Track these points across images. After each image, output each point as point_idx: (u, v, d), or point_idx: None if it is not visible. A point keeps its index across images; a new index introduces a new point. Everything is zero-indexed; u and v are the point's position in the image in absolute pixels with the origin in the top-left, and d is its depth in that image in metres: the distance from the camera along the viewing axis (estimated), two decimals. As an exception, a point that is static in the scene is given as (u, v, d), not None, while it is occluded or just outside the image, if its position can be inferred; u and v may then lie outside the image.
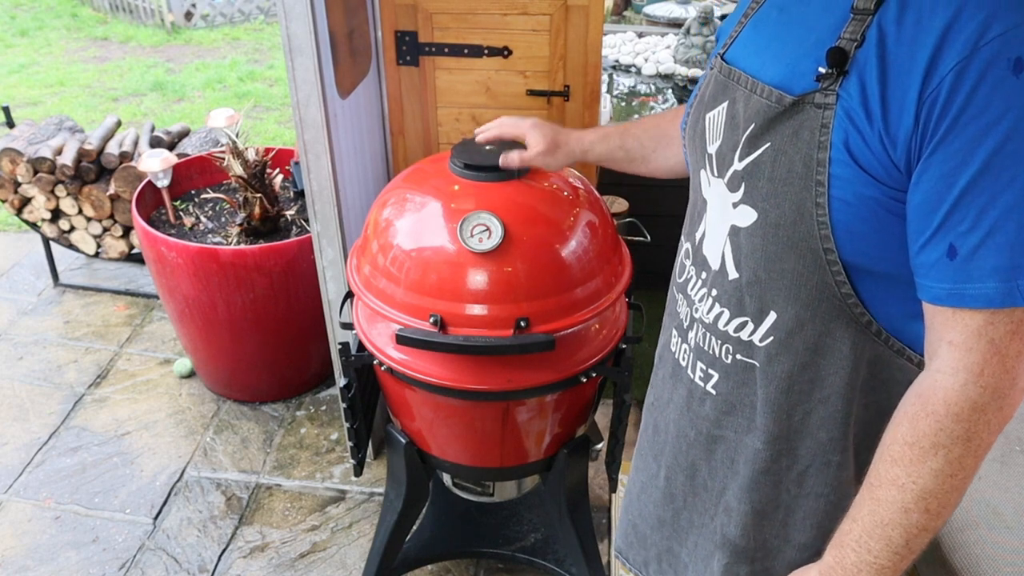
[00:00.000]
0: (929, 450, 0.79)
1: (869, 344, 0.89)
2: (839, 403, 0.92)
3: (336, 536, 2.25)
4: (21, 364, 2.93)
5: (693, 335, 1.04)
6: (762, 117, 0.87)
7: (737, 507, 1.04)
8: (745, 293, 0.93)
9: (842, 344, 0.89)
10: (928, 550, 1.70)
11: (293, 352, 2.67)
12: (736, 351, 0.97)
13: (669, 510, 1.16)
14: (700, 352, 1.03)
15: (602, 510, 2.30)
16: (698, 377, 1.05)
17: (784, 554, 1.04)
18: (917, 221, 0.78)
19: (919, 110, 0.74)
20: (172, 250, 2.38)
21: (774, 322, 0.91)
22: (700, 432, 1.06)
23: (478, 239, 1.41)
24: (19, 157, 3.04)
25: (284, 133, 5.10)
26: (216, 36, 7.15)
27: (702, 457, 1.08)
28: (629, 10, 3.91)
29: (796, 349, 0.91)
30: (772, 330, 0.92)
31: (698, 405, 1.06)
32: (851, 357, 0.89)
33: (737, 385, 0.99)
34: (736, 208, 0.92)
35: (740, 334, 0.96)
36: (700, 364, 1.04)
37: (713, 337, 1.00)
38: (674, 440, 1.12)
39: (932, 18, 0.74)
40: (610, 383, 1.69)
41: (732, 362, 0.98)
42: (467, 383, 1.47)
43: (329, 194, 1.96)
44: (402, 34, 2.16)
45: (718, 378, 1.01)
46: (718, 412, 1.03)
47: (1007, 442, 1.83)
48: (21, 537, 2.25)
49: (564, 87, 2.18)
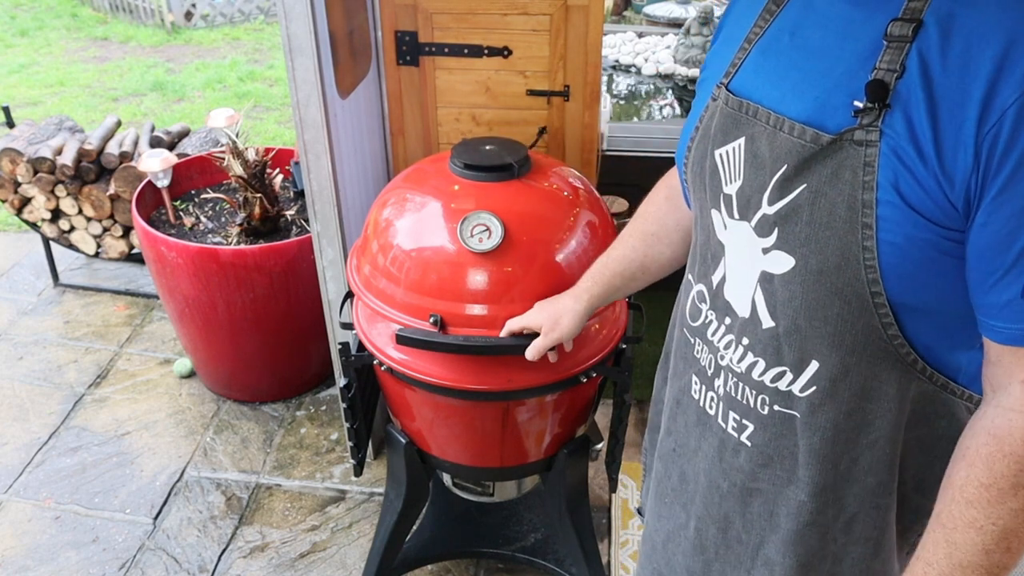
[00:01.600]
0: (1008, 491, 0.76)
1: (915, 382, 0.86)
2: (886, 446, 0.89)
3: (336, 536, 2.25)
4: (21, 364, 2.93)
5: (721, 384, 0.99)
6: (795, 157, 0.81)
7: (781, 561, 0.99)
8: (783, 343, 0.89)
9: (888, 386, 0.86)
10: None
11: (293, 352, 2.67)
12: (774, 402, 0.92)
13: (699, 561, 1.11)
14: (731, 401, 0.98)
15: (602, 510, 2.30)
16: (731, 428, 0.99)
17: None
18: (986, 261, 0.75)
19: (979, 147, 0.70)
20: (172, 250, 2.38)
21: (816, 371, 0.87)
22: (734, 484, 1.01)
23: (478, 239, 1.41)
24: (19, 157, 3.04)
25: (284, 133, 5.10)
26: (216, 36, 7.15)
27: (736, 510, 1.02)
28: (629, 10, 3.92)
29: (841, 397, 0.87)
30: (815, 379, 0.88)
31: (731, 456, 1.00)
32: (897, 398, 0.86)
33: (775, 436, 0.94)
34: (767, 254, 0.87)
35: (778, 384, 0.91)
36: (732, 414, 0.98)
37: (746, 387, 0.95)
38: (705, 491, 1.06)
39: (983, 47, 0.70)
40: (610, 383, 1.69)
41: (769, 413, 0.93)
42: (467, 383, 1.47)
43: (329, 194, 1.96)
44: (402, 34, 2.16)
45: (753, 429, 0.96)
46: (754, 464, 0.97)
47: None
48: (21, 537, 2.25)
49: (564, 87, 2.18)
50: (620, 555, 2.15)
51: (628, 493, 2.34)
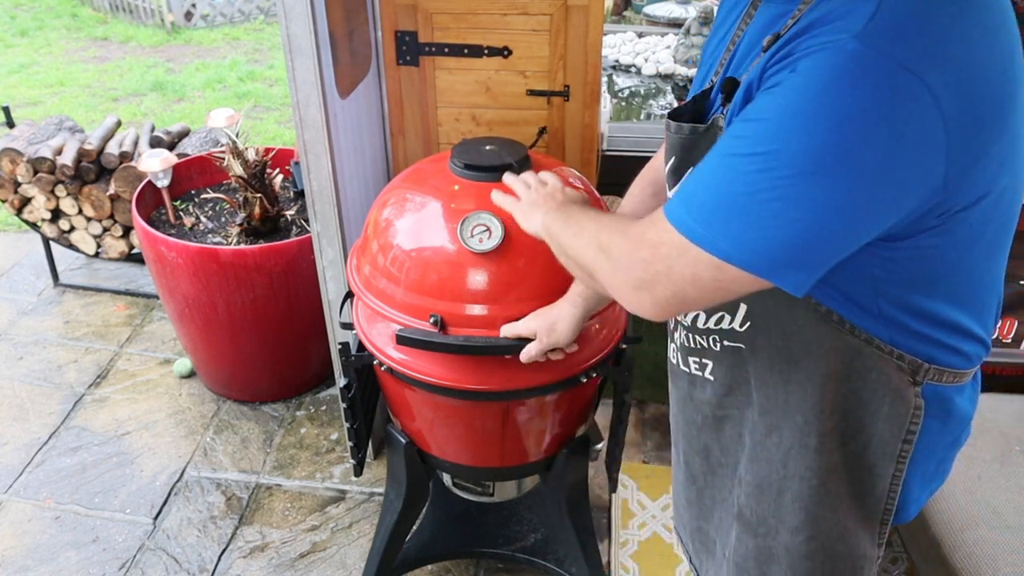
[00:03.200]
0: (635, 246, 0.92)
1: (831, 332, 0.93)
2: (811, 389, 0.97)
3: (336, 536, 2.25)
4: (21, 364, 2.93)
5: (680, 336, 1.13)
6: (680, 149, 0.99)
7: (744, 477, 1.11)
8: None
9: (807, 330, 0.94)
10: (928, 549, 1.70)
11: (293, 352, 2.67)
12: (723, 338, 1.04)
13: (693, 491, 1.24)
14: (689, 349, 1.11)
15: (602, 510, 2.30)
16: (693, 369, 1.12)
17: (780, 536, 1.09)
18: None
19: None
20: (172, 250, 2.38)
21: (746, 311, 0.99)
22: (707, 416, 1.13)
23: (478, 239, 1.41)
24: (19, 157, 3.04)
25: (284, 133, 5.10)
26: (216, 36, 7.15)
27: (713, 437, 1.15)
28: (629, 10, 3.92)
29: (770, 333, 0.98)
30: (747, 317, 0.99)
31: (700, 392, 1.13)
32: (816, 342, 0.94)
33: (730, 367, 1.06)
34: None
35: (722, 325, 1.03)
36: (692, 358, 1.12)
37: (696, 335, 1.08)
38: (684, 428, 1.21)
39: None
40: (610, 383, 1.69)
41: (721, 349, 1.06)
42: (467, 383, 1.47)
43: (329, 194, 1.96)
44: (402, 34, 2.16)
45: (712, 365, 1.09)
46: (719, 395, 1.10)
47: (1007, 442, 1.83)
48: (21, 537, 2.25)
49: (564, 87, 2.18)
50: (620, 555, 2.15)
51: (628, 493, 2.34)
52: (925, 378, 0.95)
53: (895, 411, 0.96)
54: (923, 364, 0.94)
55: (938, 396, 0.98)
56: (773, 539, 1.10)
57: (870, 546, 1.08)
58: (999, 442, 1.83)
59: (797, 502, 1.04)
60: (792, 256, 0.78)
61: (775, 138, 0.75)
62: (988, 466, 1.76)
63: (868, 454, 1.00)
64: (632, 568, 2.11)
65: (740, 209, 0.77)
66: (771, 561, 1.11)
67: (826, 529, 1.05)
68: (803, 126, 0.74)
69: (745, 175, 0.77)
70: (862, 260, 0.85)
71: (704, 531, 1.26)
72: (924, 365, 0.94)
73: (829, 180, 0.74)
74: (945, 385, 0.98)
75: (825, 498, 1.02)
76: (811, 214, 0.76)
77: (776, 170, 0.75)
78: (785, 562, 1.10)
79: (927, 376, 0.95)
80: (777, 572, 1.12)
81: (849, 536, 1.06)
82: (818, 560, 1.08)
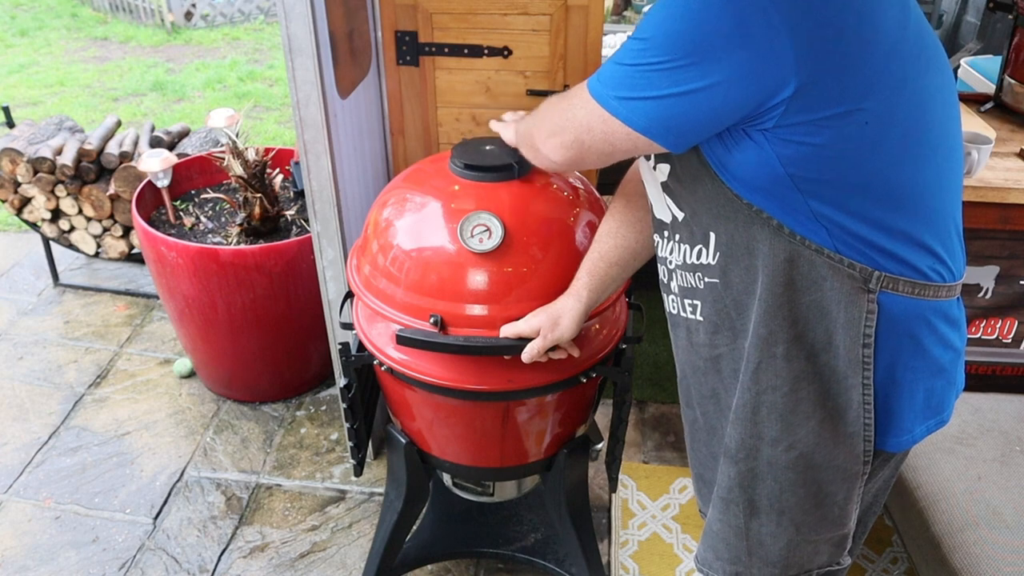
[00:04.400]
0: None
1: (783, 243, 1.04)
2: (770, 299, 1.07)
3: (336, 536, 2.25)
4: (21, 364, 2.93)
5: (675, 283, 1.22)
6: None
7: (737, 404, 1.17)
8: (692, 224, 1.13)
9: (763, 244, 1.05)
10: (928, 550, 1.70)
11: (293, 352, 2.67)
12: (704, 275, 1.15)
13: (716, 442, 1.27)
14: (683, 291, 1.21)
15: (602, 510, 2.30)
16: (688, 312, 1.21)
17: (762, 453, 1.15)
18: None
19: None
20: (172, 250, 2.38)
21: (715, 240, 1.10)
22: (706, 359, 1.21)
23: (478, 239, 1.41)
24: (19, 157, 3.04)
25: (284, 133, 5.10)
26: (216, 36, 7.15)
27: (715, 379, 1.21)
28: (629, 10, 3.91)
29: (735, 256, 1.09)
30: (717, 247, 1.11)
31: (695, 336, 1.22)
32: (771, 254, 1.05)
33: (713, 303, 1.16)
34: (656, 168, 1.17)
35: (701, 259, 1.14)
36: (686, 301, 1.21)
37: (686, 272, 1.18)
38: (691, 376, 1.27)
39: None
40: (610, 383, 1.69)
41: (705, 286, 1.16)
42: (467, 383, 1.47)
43: (329, 194, 1.96)
44: (402, 34, 2.16)
45: (701, 304, 1.18)
46: (710, 335, 1.18)
47: (1007, 442, 1.83)
48: (21, 537, 2.24)
49: (564, 87, 2.18)
50: (620, 555, 2.15)
51: (628, 493, 2.34)
52: (879, 285, 1.04)
53: (850, 316, 1.05)
54: (873, 272, 1.03)
55: (902, 307, 1.06)
56: (755, 459, 1.16)
57: (853, 462, 1.14)
58: (999, 442, 1.83)
59: (772, 413, 1.12)
60: (662, 120, 0.99)
61: (649, 26, 0.97)
62: (988, 466, 1.76)
63: (838, 364, 1.08)
64: (632, 568, 2.11)
65: (627, 77, 1.00)
66: (755, 482, 1.17)
67: (803, 437, 1.12)
68: (666, 18, 0.95)
69: (631, 52, 0.99)
70: (765, 160, 0.99)
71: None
72: (875, 272, 1.03)
73: (683, 65, 0.95)
74: (906, 296, 1.05)
75: (798, 405, 1.11)
76: (670, 89, 0.96)
77: (648, 52, 0.97)
78: (769, 477, 1.16)
79: (880, 283, 1.04)
80: (762, 490, 1.17)
81: (827, 447, 1.12)
82: (799, 470, 1.14)
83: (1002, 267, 2.06)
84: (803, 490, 1.15)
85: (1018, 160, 2.06)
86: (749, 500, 1.18)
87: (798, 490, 1.15)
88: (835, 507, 1.17)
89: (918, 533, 1.71)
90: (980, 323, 2.15)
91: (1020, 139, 2.18)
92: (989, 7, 2.34)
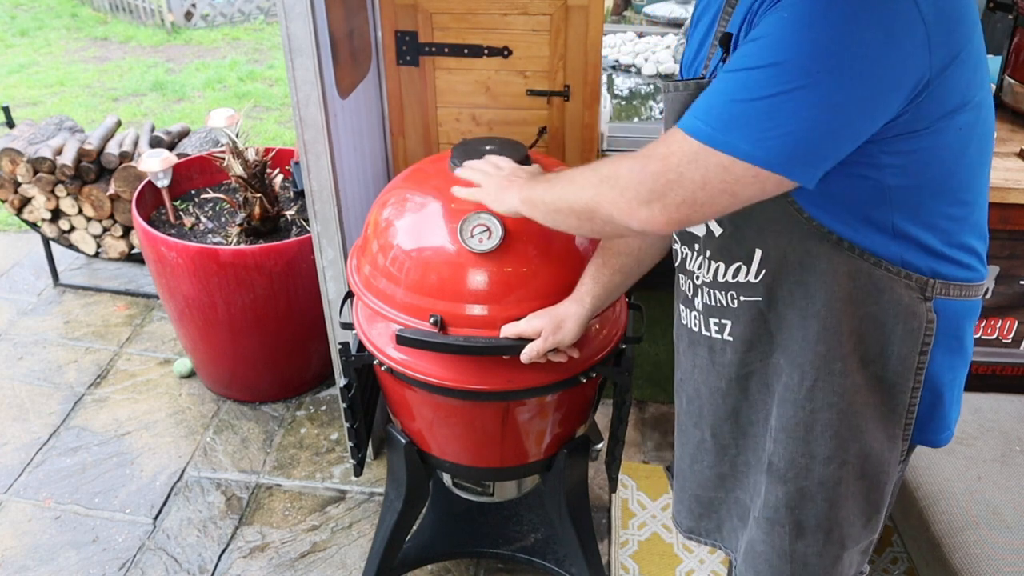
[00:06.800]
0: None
1: (843, 258, 1.01)
2: (829, 316, 1.04)
3: (336, 536, 2.25)
4: (21, 364, 2.93)
5: (699, 300, 1.17)
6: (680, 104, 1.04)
7: (775, 424, 1.14)
8: (732, 242, 1.08)
9: (820, 261, 1.01)
10: (928, 550, 1.70)
11: (293, 352, 2.67)
12: (740, 294, 1.10)
13: (725, 463, 1.25)
14: (710, 309, 1.16)
15: (602, 510, 2.30)
16: (713, 332, 1.17)
17: (814, 472, 1.12)
18: None
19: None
20: (172, 250, 2.38)
21: (762, 257, 1.06)
22: (731, 379, 1.17)
23: (478, 239, 1.41)
24: (19, 157, 3.04)
25: (284, 133, 5.10)
26: (216, 36, 7.15)
27: (740, 398, 1.18)
28: (629, 10, 3.91)
29: (786, 272, 1.05)
30: (763, 264, 1.06)
31: (720, 356, 1.17)
32: (831, 271, 1.01)
33: (749, 322, 1.11)
34: None
35: (738, 278, 1.09)
36: (712, 320, 1.16)
37: (717, 291, 1.13)
38: (708, 398, 1.23)
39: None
40: (610, 383, 1.69)
41: (739, 305, 1.11)
42: (467, 383, 1.47)
43: (329, 194, 1.96)
44: (402, 34, 2.16)
45: (731, 324, 1.13)
46: (740, 354, 1.14)
47: (1007, 442, 1.83)
48: (21, 537, 2.24)
49: (564, 87, 2.18)
50: (620, 555, 2.15)
51: (628, 493, 2.34)
52: (933, 293, 1.03)
53: (909, 327, 1.04)
54: (929, 280, 1.02)
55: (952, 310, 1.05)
56: (805, 478, 1.13)
57: (893, 465, 1.13)
58: (999, 442, 1.83)
59: (827, 431, 1.09)
60: (802, 151, 0.88)
61: (780, 49, 0.85)
62: (988, 466, 1.76)
63: (889, 374, 1.07)
64: (632, 568, 2.11)
65: (755, 113, 0.87)
66: (804, 502, 1.14)
67: (855, 451, 1.10)
68: (804, 36, 0.84)
69: (757, 84, 0.87)
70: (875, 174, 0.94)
71: (741, 502, 1.27)
72: (931, 281, 1.02)
73: (832, 81, 0.84)
74: (955, 299, 1.05)
75: (852, 419, 1.08)
76: (816, 112, 0.85)
77: (783, 76, 0.85)
78: (820, 496, 1.13)
79: (935, 291, 1.03)
80: (811, 511, 1.14)
81: (876, 457, 1.11)
82: (849, 483, 1.12)
83: (1002, 267, 2.06)
84: (851, 502, 1.14)
85: (1018, 160, 2.06)
86: (796, 522, 1.16)
87: (847, 504, 1.14)
88: (876, 514, 1.16)
89: (918, 533, 1.71)
90: (980, 323, 2.15)
91: (1020, 139, 2.18)
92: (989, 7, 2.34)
